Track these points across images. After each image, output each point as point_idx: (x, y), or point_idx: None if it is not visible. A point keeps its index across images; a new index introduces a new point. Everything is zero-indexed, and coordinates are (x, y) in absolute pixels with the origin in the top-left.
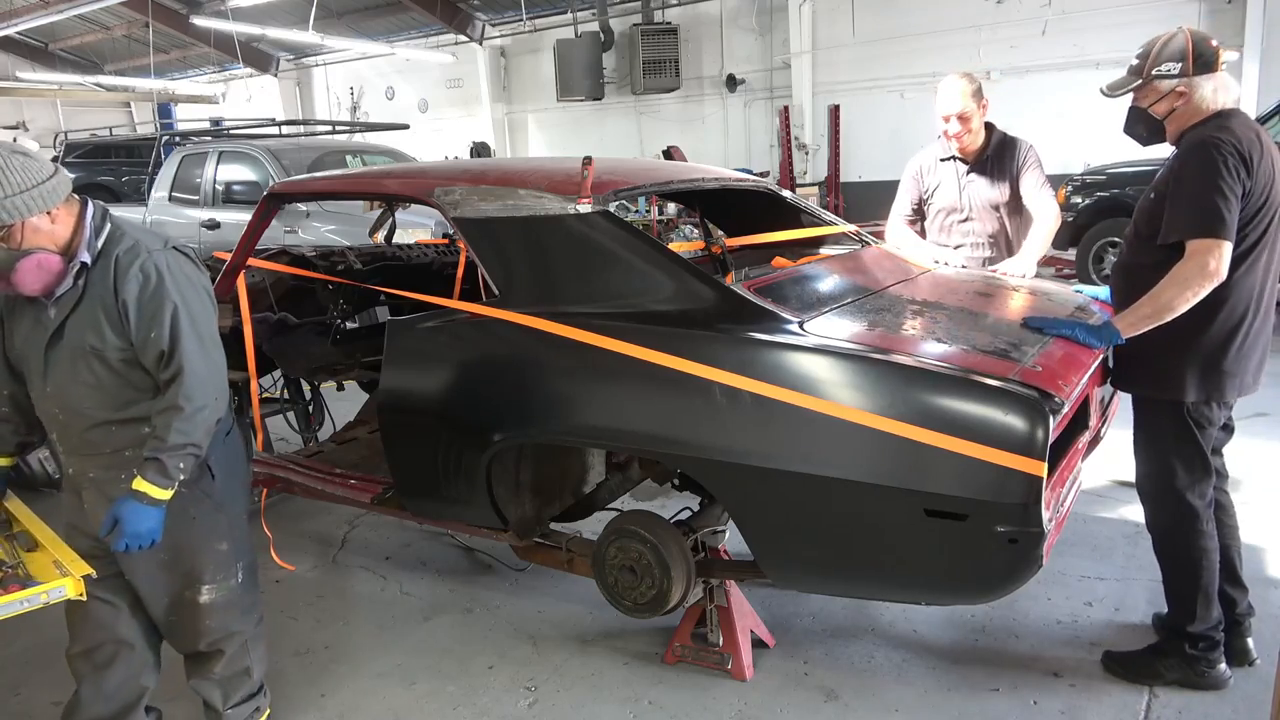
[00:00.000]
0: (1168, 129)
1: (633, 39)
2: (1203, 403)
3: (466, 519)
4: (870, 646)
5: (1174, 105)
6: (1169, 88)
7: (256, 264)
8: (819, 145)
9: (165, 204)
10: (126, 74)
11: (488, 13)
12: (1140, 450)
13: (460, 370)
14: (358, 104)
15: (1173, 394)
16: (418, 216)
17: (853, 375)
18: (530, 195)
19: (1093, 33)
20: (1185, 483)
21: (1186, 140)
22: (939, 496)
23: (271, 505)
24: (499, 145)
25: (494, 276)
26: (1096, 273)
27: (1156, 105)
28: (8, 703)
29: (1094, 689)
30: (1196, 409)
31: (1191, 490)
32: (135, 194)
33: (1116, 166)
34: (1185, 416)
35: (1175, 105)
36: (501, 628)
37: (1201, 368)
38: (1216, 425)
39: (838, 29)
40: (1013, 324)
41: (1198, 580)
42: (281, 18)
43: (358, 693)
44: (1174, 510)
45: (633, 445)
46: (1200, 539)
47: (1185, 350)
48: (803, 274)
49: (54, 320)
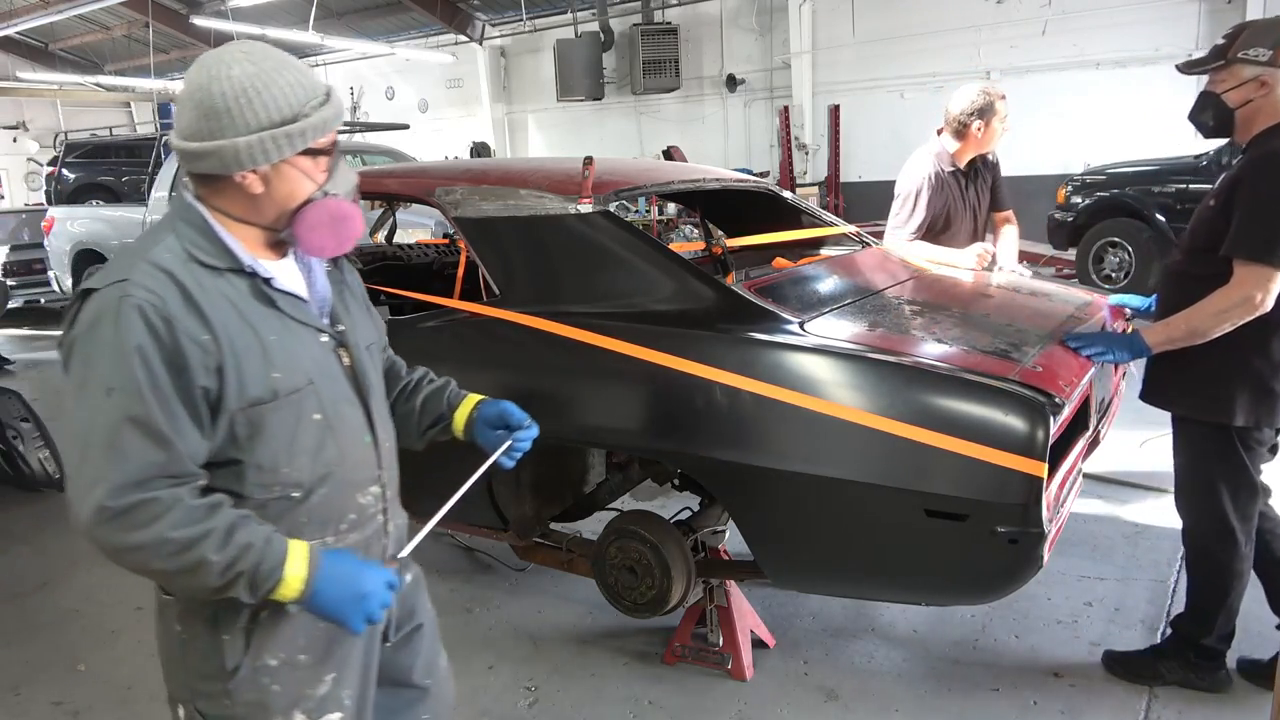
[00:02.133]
0: (1238, 124)
1: (633, 39)
2: (1253, 427)
3: (466, 519)
4: (870, 646)
5: (1251, 96)
6: (1251, 75)
7: None
8: (819, 145)
9: (165, 204)
10: (126, 74)
11: (488, 13)
12: (1182, 469)
13: (461, 370)
14: (358, 104)
15: (1220, 417)
16: (418, 216)
17: (853, 375)
18: (531, 195)
19: (1093, 33)
20: (1229, 504)
21: (1263, 148)
22: (939, 497)
23: None
24: (499, 145)
25: (494, 276)
26: (1096, 273)
27: (1233, 93)
28: (8, 703)
29: (1094, 689)
30: (1245, 432)
31: (1236, 512)
32: (135, 194)
33: (1116, 166)
34: (1233, 439)
35: (1253, 96)
36: (501, 628)
37: (1252, 391)
38: (1265, 447)
39: (838, 29)
40: (1013, 324)
41: (1225, 598)
42: (281, 18)
43: None
44: (1214, 530)
45: (633, 445)
46: (1237, 561)
47: (1236, 373)
48: (803, 274)
49: (330, 326)
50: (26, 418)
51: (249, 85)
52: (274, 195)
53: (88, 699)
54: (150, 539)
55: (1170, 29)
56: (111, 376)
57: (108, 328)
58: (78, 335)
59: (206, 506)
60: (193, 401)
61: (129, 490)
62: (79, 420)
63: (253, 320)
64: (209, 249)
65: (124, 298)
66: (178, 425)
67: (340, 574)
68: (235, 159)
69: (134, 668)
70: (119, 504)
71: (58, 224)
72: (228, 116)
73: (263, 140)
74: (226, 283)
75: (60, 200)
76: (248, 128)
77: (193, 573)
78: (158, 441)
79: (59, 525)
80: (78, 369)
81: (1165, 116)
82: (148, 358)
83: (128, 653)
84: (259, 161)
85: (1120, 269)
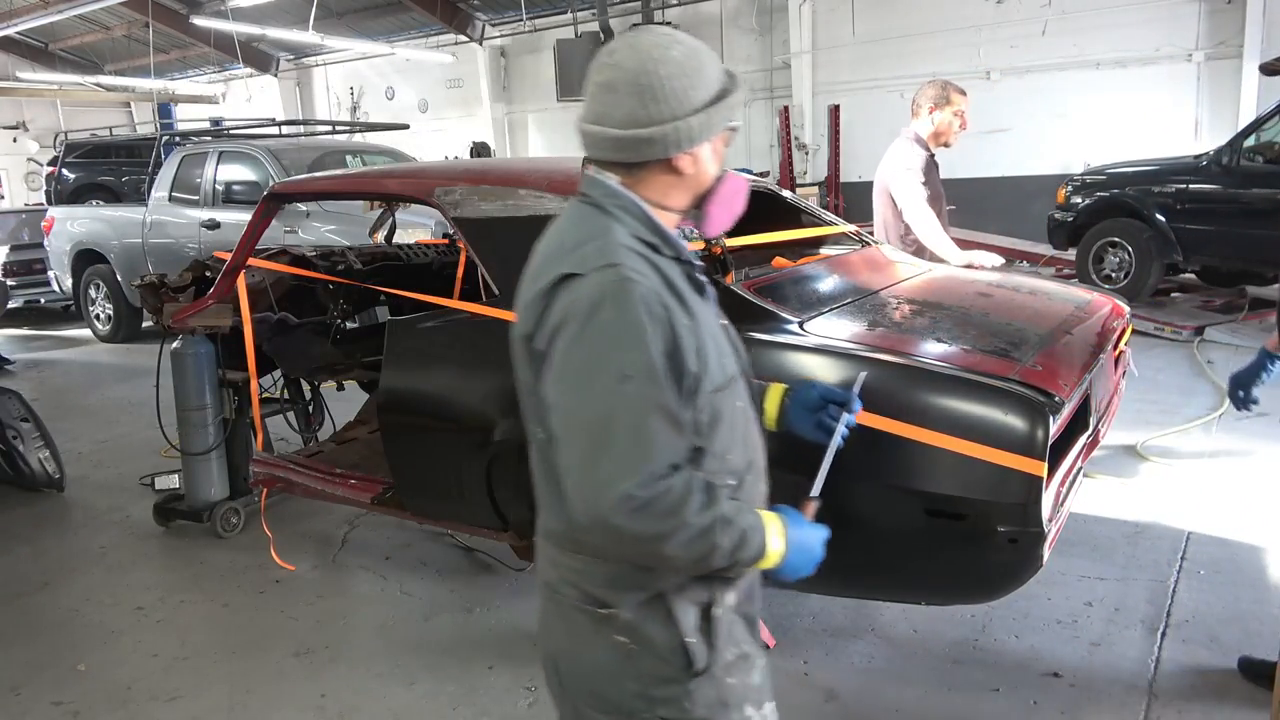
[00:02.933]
0: None
1: None
2: None
3: (466, 519)
4: (870, 646)
5: None
6: None
7: (256, 264)
8: (819, 145)
9: (165, 204)
10: (126, 74)
11: (488, 13)
12: None
13: (460, 370)
14: (358, 104)
15: None
16: (418, 216)
17: (852, 375)
18: (530, 195)
19: (1093, 33)
20: None
21: None
22: (939, 496)
23: (271, 505)
24: (499, 145)
25: (494, 276)
26: (1096, 273)
27: None
28: (8, 703)
29: (1094, 689)
30: None
31: None
32: (135, 194)
33: (1116, 166)
34: None
35: None
36: (501, 628)
37: None
38: None
39: (838, 29)
40: (1012, 324)
41: None
42: (281, 18)
43: (358, 693)
44: None
45: None
46: None
47: None
48: (803, 274)
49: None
50: (26, 418)
51: (688, 65)
52: (699, 175)
53: (88, 699)
54: (672, 527)
55: (1170, 29)
56: (625, 363)
57: (612, 312)
58: (572, 320)
59: (710, 491)
60: (684, 387)
61: (655, 479)
62: (591, 409)
63: (696, 306)
64: (652, 237)
65: (624, 281)
66: (683, 411)
67: (803, 539)
68: (677, 141)
69: (134, 668)
70: (647, 493)
71: (58, 224)
72: (675, 99)
73: (701, 119)
74: (671, 269)
75: (60, 200)
76: (692, 108)
77: (703, 557)
78: (676, 428)
79: (59, 525)
80: (579, 355)
81: (1165, 116)
82: (655, 342)
83: (128, 653)
84: (698, 141)
85: (1120, 269)
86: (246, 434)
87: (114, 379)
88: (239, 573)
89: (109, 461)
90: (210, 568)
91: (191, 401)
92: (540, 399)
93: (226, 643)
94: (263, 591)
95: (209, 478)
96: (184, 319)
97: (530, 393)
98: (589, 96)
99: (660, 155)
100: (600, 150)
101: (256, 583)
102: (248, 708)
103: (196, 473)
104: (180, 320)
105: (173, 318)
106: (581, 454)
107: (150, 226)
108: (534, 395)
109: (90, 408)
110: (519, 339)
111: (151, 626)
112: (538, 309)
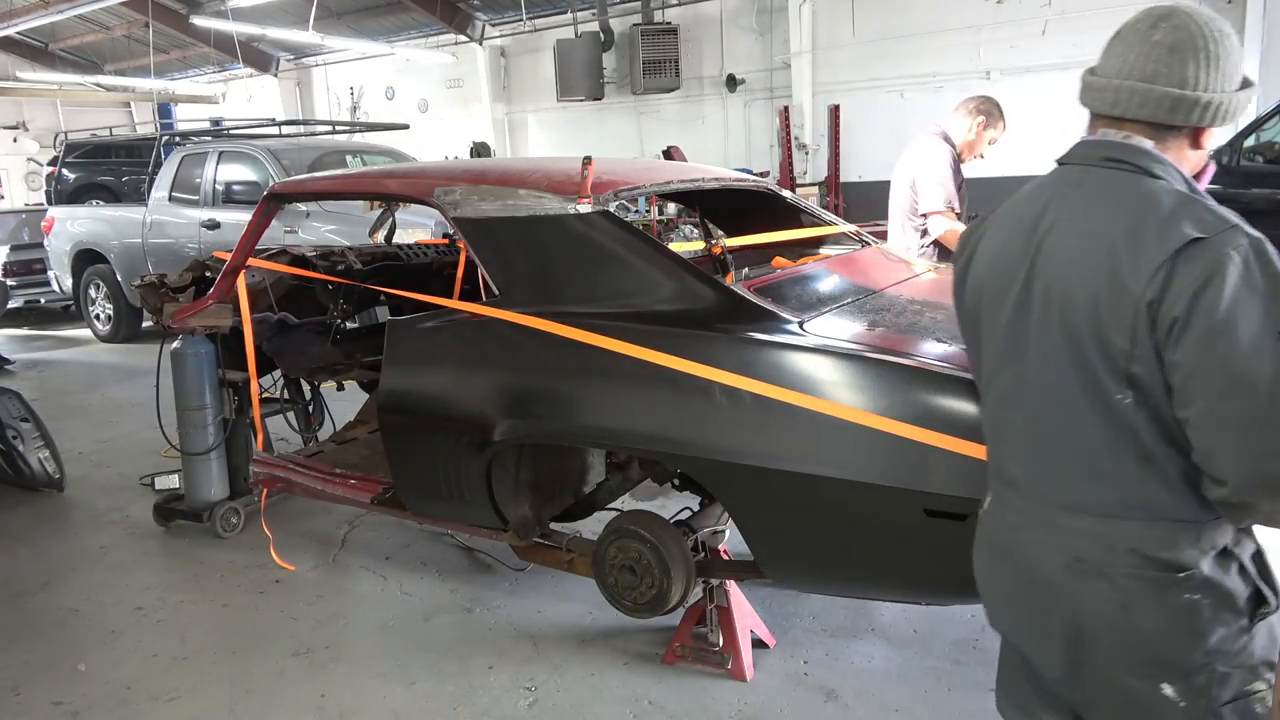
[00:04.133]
0: None
1: (633, 39)
2: None
3: (466, 519)
4: (870, 646)
5: None
6: None
7: (256, 264)
8: (819, 145)
9: (165, 204)
10: (126, 74)
11: (488, 13)
12: None
13: (460, 370)
14: (358, 104)
15: None
16: (418, 216)
17: (852, 375)
18: (530, 195)
19: (1093, 33)
20: None
21: None
22: (939, 496)
23: (271, 505)
24: (499, 145)
25: (494, 276)
26: None
27: None
28: (8, 703)
29: None
30: None
31: None
32: (135, 194)
33: None
34: None
35: None
36: (501, 628)
37: None
38: None
39: (838, 29)
40: None
41: None
42: (281, 18)
43: (358, 693)
44: None
45: (632, 445)
46: None
47: None
48: (802, 274)
49: None
50: (26, 418)
51: (1236, 46)
52: (1202, 154)
53: (88, 699)
54: None
55: None
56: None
57: (1261, 271)
58: (1223, 282)
59: None
60: None
61: None
62: (1269, 369)
63: None
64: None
65: (1256, 240)
66: None
67: None
68: (1223, 112)
69: (134, 668)
70: None
71: (58, 224)
72: (1229, 74)
73: (1241, 98)
74: None
75: (60, 200)
76: (1233, 85)
77: None
78: None
79: (59, 525)
80: (1244, 316)
81: None
82: None
83: (128, 653)
84: (1231, 118)
85: None
86: (246, 434)
87: (114, 379)
88: (239, 573)
89: (109, 461)
90: (210, 568)
91: (191, 401)
92: (1153, 364)
93: (226, 643)
94: (262, 591)
95: (209, 478)
96: (184, 319)
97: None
98: (1137, 53)
99: (1203, 123)
100: (1141, 108)
101: (256, 583)
102: (248, 708)
103: (196, 473)
104: (180, 320)
105: (173, 318)
106: (1250, 414)
107: (150, 226)
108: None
109: (90, 408)
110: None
111: (151, 626)
112: (1160, 276)
